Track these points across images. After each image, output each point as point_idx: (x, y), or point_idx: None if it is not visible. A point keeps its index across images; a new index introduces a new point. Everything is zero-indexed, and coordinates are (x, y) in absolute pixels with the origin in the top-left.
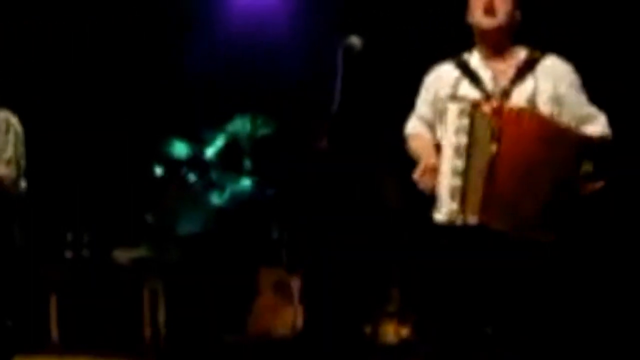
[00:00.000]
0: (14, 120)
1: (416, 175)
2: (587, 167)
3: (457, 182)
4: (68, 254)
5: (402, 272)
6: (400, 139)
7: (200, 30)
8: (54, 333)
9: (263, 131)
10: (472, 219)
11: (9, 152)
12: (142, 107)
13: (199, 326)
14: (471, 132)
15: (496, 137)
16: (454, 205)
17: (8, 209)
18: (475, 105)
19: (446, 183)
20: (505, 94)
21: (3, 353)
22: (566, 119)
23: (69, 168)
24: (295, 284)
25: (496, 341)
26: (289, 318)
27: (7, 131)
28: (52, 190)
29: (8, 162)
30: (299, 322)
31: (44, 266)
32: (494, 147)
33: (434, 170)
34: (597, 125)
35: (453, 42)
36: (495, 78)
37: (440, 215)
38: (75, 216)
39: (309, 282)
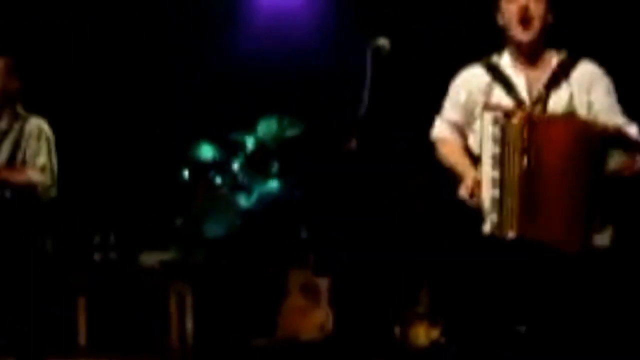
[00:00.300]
0: (46, 127)
1: (463, 192)
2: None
3: (496, 193)
4: (96, 257)
5: (431, 274)
6: (427, 141)
7: (227, 32)
8: (82, 336)
9: (290, 132)
10: (510, 233)
11: (42, 158)
12: (169, 110)
13: (227, 329)
14: (503, 142)
15: (527, 147)
16: (494, 217)
17: (40, 215)
18: (507, 115)
19: (487, 194)
20: (540, 101)
21: (34, 357)
22: None
23: (97, 172)
24: (324, 285)
25: (528, 343)
26: (317, 320)
27: (40, 138)
28: (81, 193)
29: (42, 169)
30: (328, 324)
31: (72, 269)
32: (525, 158)
33: (479, 184)
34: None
35: (481, 42)
36: (528, 85)
37: (486, 227)
38: (103, 219)
39: (337, 283)
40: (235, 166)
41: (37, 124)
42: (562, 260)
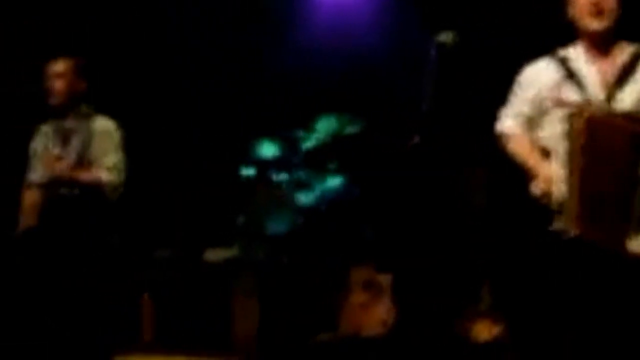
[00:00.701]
0: (113, 126)
1: (535, 188)
2: None
3: (563, 190)
4: (160, 254)
5: (492, 272)
6: (490, 137)
7: (288, 30)
8: (147, 332)
9: (350, 130)
10: (571, 232)
11: (111, 158)
12: (231, 109)
13: (290, 325)
14: (568, 140)
15: (586, 147)
16: (561, 215)
17: (107, 213)
18: (573, 114)
19: (557, 191)
20: (610, 97)
21: (101, 353)
22: None
23: (162, 170)
24: (386, 281)
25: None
26: (380, 316)
27: (107, 137)
28: (146, 192)
29: (110, 168)
30: (390, 320)
31: (138, 266)
32: (585, 157)
33: (551, 180)
34: None
35: (546, 36)
36: (598, 78)
37: (555, 224)
38: (168, 217)
39: (400, 280)
40: (296, 164)
41: (104, 124)
42: (623, 263)
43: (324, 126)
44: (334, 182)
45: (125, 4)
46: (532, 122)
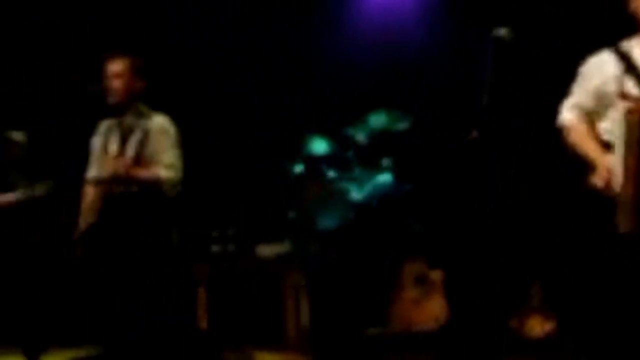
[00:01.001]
0: (170, 124)
1: (596, 180)
2: None
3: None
4: (215, 249)
5: (543, 269)
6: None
7: (338, 26)
8: (203, 326)
9: (400, 126)
10: (626, 226)
11: (169, 156)
12: (282, 105)
13: (342, 320)
14: (626, 134)
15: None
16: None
17: (166, 210)
18: (630, 108)
19: (617, 183)
20: None
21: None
22: None
23: (215, 167)
24: (438, 277)
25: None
26: (431, 311)
27: (165, 135)
28: (199, 188)
29: (168, 166)
30: (442, 315)
31: (193, 261)
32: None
33: (612, 173)
34: None
35: (603, 30)
36: None
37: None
38: (221, 213)
39: (452, 275)
40: (347, 160)
41: (161, 122)
42: None
43: (375, 122)
44: (384, 178)
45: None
46: (593, 114)
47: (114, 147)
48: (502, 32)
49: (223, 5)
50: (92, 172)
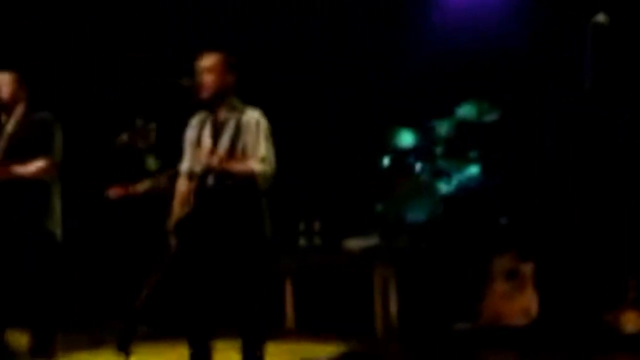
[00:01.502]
0: (262, 118)
1: None
2: None
3: None
4: (302, 243)
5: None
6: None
7: (425, 18)
8: (290, 319)
9: (488, 117)
10: None
11: (262, 149)
12: (370, 99)
13: (430, 314)
14: None
15: None
16: None
17: (259, 203)
18: None
19: None
20: None
21: (260, 337)
22: None
23: (302, 160)
24: (528, 270)
25: None
26: (522, 305)
27: (258, 129)
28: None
29: (262, 160)
30: (533, 309)
31: (280, 254)
32: None
33: None
34: None
35: None
36: None
37: None
38: (308, 206)
39: (543, 268)
40: (435, 152)
41: (254, 116)
42: None
43: (463, 114)
44: (473, 170)
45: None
46: None
47: (207, 140)
48: (601, 18)
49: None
50: (185, 165)
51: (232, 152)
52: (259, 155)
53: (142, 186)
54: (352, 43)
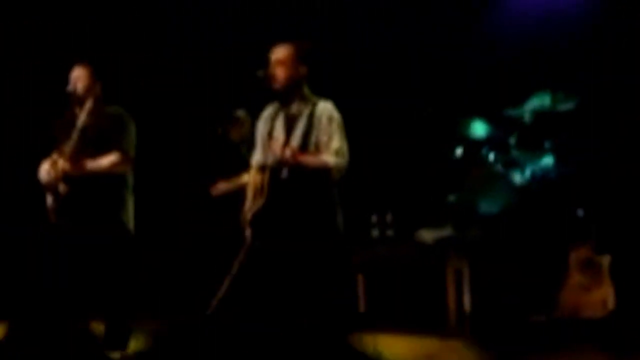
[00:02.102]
0: (334, 110)
1: None
2: None
3: None
4: (374, 235)
5: None
6: None
7: (497, 6)
8: (362, 310)
9: (563, 107)
10: None
11: (336, 142)
12: (443, 89)
13: (504, 305)
14: None
15: None
16: None
17: (333, 195)
18: None
19: None
20: None
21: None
22: None
23: (373, 152)
24: (605, 262)
25: None
26: (599, 298)
27: (330, 121)
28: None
29: (336, 152)
30: (610, 301)
31: (352, 246)
32: None
33: None
34: None
35: None
36: None
37: None
38: (380, 198)
39: (619, 260)
40: (509, 143)
41: (326, 108)
42: None
43: (538, 103)
44: (547, 160)
45: None
46: None
47: (279, 133)
48: None
49: None
50: (257, 157)
51: (305, 144)
52: (332, 148)
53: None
54: (425, 32)
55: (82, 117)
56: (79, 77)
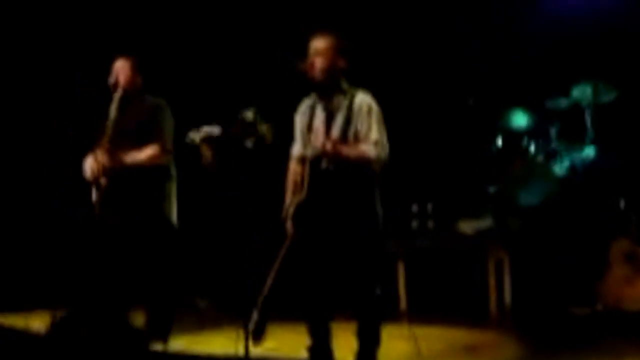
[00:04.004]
0: (373, 101)
1: None
2: None
3: None
4: (414, 225)
5: None
6: None
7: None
8: (402, 301)
9: (605, 98)
10: None
11: (375, 133)
12: (483, 79)
13: (545, 296)
14: None
15: None
16: None
17: (373, 186)
18: None
19: None
20: None
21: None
22: None
23: (413, 143)
24: None
25: None
26: None
27: (370, 113)
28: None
29: (376, 144)
30: None
31: (392, 237)
32: None
33: None
34: None
35: None
36: None
37: None
38: (421, 188)
39: None
40: (550, 134)
41: (365, 99)
42: None
43: (579, 94)
44: (588, 151)
45: None
46: None
47: (319, 125)
48: None
49: None
50: (296, 149)
51: (344, 136)
52: (372, 139)
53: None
54: (467, 23)
55: (112, 110)
56: (120, 69)
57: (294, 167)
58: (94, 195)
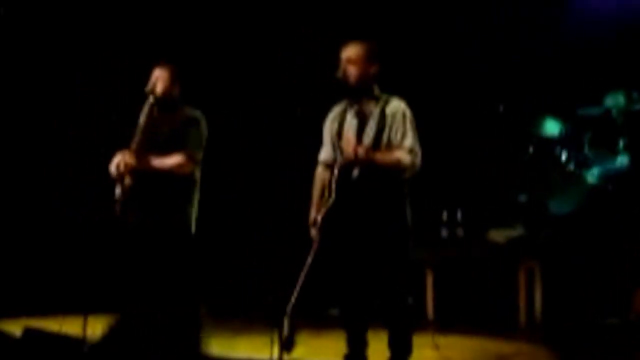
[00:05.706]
0: (407, 108)
1: None
2: None
3: None
4: (444, 233)
5: None
6: None
7: (573, 6)
8: (430, 310)
9: (638, 106)
10: None
11: (409, 140)
12: (515, 87)
13: (577, 308)
14: None
15: None
16: None
17: (404, 193)
18: None
19: None
20: None
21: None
22: None
23: (444, 150)
24: None
25: None
26: None
27: (403, 119)
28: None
29: (410, 151)
30: None
31: (421, 245)
32: None
33: None
34: None
35: None
36: None
37: None
38: (451, 196)
39: None
40: (583, 142)
41: (398, 106)
42: None
43: (612, 103)
44: (621, 160)
45: None
46: None
47: (350, 131)
48: None
49: None
50: (324, 155)
51: (377, 143)
52: (406, 146)
53: None
54: (499, 31)
55: (141, 117)
56: (159, 77)
57: (320, 172)
58: (117, 194)
